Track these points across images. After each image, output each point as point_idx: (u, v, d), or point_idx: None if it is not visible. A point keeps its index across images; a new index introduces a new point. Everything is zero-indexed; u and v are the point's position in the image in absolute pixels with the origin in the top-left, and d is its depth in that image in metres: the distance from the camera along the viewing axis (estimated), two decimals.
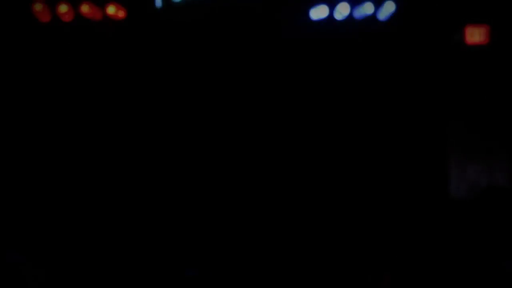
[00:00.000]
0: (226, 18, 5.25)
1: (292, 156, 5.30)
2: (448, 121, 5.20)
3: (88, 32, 5.05)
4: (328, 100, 5.33)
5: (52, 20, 4.90)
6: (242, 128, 5.36)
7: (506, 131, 5.05)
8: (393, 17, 4.99)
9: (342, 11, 4.95)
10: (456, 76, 5.04)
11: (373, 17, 4.98)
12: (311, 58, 5.31)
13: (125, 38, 5.15)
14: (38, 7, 4.85)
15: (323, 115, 5.33)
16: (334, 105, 5.32)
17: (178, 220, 5.23)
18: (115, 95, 5.34)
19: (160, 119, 5.36)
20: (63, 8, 4.87)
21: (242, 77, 5.38)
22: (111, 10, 4.94)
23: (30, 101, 5.21)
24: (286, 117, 5.33)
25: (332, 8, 5.00)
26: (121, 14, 4.99)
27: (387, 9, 4.96)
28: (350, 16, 5.00)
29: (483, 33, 4.97)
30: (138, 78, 5.35)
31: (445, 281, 4.11)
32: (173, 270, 4.85)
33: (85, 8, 4.88)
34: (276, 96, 5.34)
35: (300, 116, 5.33)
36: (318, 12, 5.02)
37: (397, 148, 5.31)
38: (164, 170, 5.33)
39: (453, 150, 5.24)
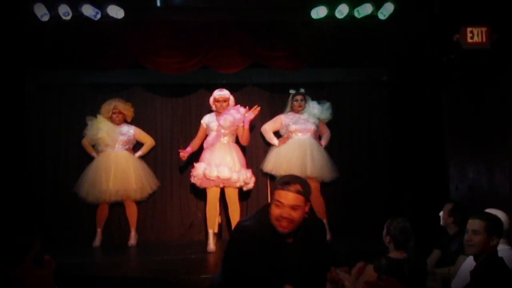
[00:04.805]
0: None
1: None
2: (448, 120, 5.19)
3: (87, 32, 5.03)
4: None
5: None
6: None
7: (506, 131, 5.03)
8: (393, 16, 4.98)
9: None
10: (456, 76, 5.02)
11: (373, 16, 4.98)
12: None
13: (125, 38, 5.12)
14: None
15: None
16: None
17: None
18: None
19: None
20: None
21: None
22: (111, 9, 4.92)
23: None
24: None
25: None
26: (121, 14, 4.96)
27: (387, 9, 4.96)
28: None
29: (483, 33, 4.96)
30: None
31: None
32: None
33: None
34: None
35: None
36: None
37: (396, 147, 5.30)
38: None
39: (453, 151, 5.23)
